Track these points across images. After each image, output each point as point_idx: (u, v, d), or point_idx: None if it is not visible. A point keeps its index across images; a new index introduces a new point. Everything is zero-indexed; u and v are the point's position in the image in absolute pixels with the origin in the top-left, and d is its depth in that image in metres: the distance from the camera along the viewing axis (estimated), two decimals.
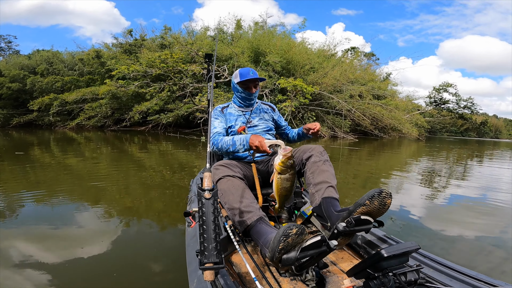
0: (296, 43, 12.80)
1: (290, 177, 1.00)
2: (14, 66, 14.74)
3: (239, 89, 1.41)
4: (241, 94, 1.42)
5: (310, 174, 1.13)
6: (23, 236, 1.64)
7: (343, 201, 2.73)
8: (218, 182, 1.10)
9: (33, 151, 5.47)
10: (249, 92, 1.41)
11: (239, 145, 1.18)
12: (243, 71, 1.39)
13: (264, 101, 1.62)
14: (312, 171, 1.13)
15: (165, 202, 2.42)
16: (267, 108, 1.56)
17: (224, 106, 1.50)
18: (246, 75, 1.37)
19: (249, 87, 1.40)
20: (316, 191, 1.07)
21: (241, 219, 0.99)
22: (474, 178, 4.31)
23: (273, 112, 1.58)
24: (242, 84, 1.39)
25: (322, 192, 1.05)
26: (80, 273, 1.29)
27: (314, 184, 1.09)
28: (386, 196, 0.84)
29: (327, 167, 1.13)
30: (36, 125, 13.19)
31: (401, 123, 13.02)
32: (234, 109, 1.47)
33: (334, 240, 0.80)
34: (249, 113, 1.47)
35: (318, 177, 1.10)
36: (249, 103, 1.46)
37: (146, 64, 10.00)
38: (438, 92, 25.46)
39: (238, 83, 1.40)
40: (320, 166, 1.13)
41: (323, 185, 1.06)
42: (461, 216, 2.36)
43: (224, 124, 1.42)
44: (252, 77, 1.37)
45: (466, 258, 1.55)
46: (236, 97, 1.48)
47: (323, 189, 1.05)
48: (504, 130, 45.52)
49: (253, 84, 1.41)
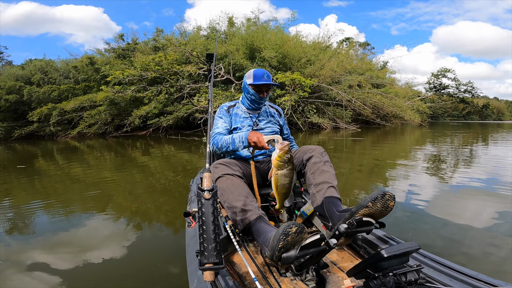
0: (290, 37, 12.66)
1: (288, 172, 0.99)
2: (9, 77, 14.62)
3: (250, 91, 1.36)
4: (251, 96, 1.37)
5: (310, 175, 1.13)
6: (37, 245, 1.71)
7: (350, 193, 2.71)
8: (217, 180, 1.09)
9: (37, 162, 5.45)
10: (261, 96, 1.36)
11: (238, 142, 1.17)
12: (257, 72, 1.34)
13: (272, 104, 1.58)
14: (312, 171, 1.13)
15: (172, 205, 2.42)
16: (274, 112, 1.52)
17: (231, 105, 1.45)
18: (260, 78, 1.33)
19: (261, 90, 1.36)
20: (317, 191, 1.07)
21: (240, 217, 0.98)
22: (485, 165, 4.25)
23: (279, 117, 1.53)
24: (255, 86, 1.35)
25: (324, 192, 1.04)
26: (91, 276, 1.35)
27: (315, 184, 1.09)
28: (389, 199, 0.83)
29: (327, 168, 1.13)
30: (38, 136, 13.14)
31: (403, 110, 12.92)
32: (241, 110, 1.43)
33: (334, 239, 0.80)
34: (256, 116, 1.43)
35: (319, 177, 1.09)
36: (257, 106, 1.42)
37: (140, 68, 9.90)
38: (437, 78, 25.27)
39: (251, 84, 1.35)
40: (320, 167, 1.12)
41: (324, 185, 1.06)
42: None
43: (227, 125, 1.38)
44: (267, 81, 1.33)
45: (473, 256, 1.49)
46: (245, 98, 1.42)
47: (324, 189, 1.05)
48: (506, 111, 45.32)
49: (266, 88, 1.37)
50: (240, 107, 1.44)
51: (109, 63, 12.90)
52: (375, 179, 3.31)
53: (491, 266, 1.36)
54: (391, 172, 3.61)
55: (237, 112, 1.42)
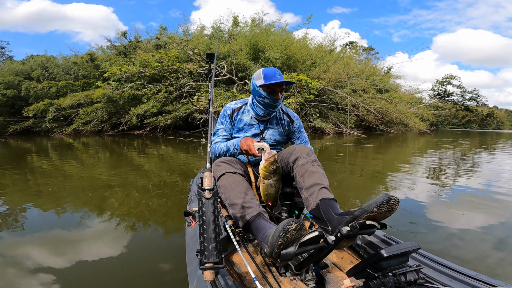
0: (295, 40, 12.45)
1: (274, 183, 0.99)
2: (9, 72, 14.46)
3: (262, 94, 1.18)
4: (263, 99, 1.19)
5: (300, 178, 1.07)
6: (30, 244, 1.67)
7: (359, 197, 2.64)
8: (219, 178, 1.07)
9: (27, 160, 5.20)
10: (275, 97, 1.19)
11: (233, 150, 1.18)
12: (267, 71, 1.17)
13: (284, 107, 1.38)
14: (301, 174, 1.07)
15: (169, 206, 2.35)
16: (285, 118, 1.34)
17: (236, 108, 1.29)
18: (272, 77, 1.16)
19: (275, 91, 1.18)
20: (309, 195, 1.02)
21: (240, 214, 0.97)
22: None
23: (289, 124, 1.34)
24: (267, 87, 1.18)
25: (316, 195, 1.00)
26: (88, 276, 1.30)
27: (306, 188, 1.04)
28: (394, 203, 0.79)
29: (316, 168, 1.07)
30: (33, 132, 12.92)
31: (408, 117, 12.64)
32: (248, 116, 1.28)
33: (332, 236, 0.80)
34: (264, 125, 1.28)
35: (308, 180, 1.04)
36: (272, 110, 1.24)
37: (139, 64, 9.62)
38: (441, 85, 25.06)
39: (262, 86, 1.18)
40: (308, 168, 1.07)
41: (315, 187, 1.02)
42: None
43: (226, 133, 1.29)
44: (279, 79, 1.15)
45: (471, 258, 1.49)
46: (256, 104, 1.23)
47: (316, 191, 1.01)
48: (506, 120, 45.33)
49: (279, 88, 1.19)
50: (247, 112, 1.29)
51: (109, 59, 12.67)
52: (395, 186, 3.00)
53: (488, 270, 1.35)
54: (413, 183, 3.30)
55: (242, 118, 1.28)
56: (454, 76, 24.36)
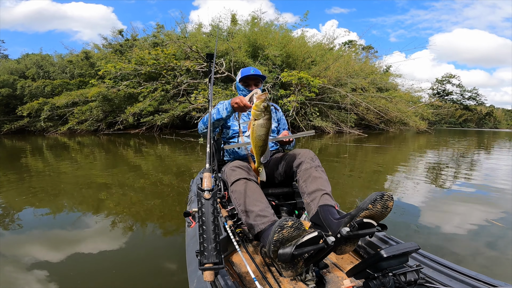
0: (294, 38, 12.28)
1: (264, 122, 0.97)
2: (3, 71, 14.22)
3: (241, 87, 1.42)
4: (242, 92, 1.41)
5: (303, 183, 1.10)
6: (27, 243, 1.67)
7: (359, 197, 2.57)
8: (234, 183, 1.08)
9: (22, 159, 5.05)
10: (249, 90, 1.39)
11: (222, 110, 1.17)
12: (244, 69, 1.42)
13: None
14: (304, 179, 1.10)
15: (166, 206, 2.31)
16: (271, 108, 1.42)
17: None
18: (247, 72, 1.38)
19: (249, 84, 1.40)
20: (311, 200, 1.03)
21: (256, 222, 0.96)
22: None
23: (276, 112, 1.54)
24: (243, 82, 1.41)
25: (318, 201, 1.01)
26: (86, 276, 1.30)
27: (308, 193, 1.05)
28: (388, 199, 0.81)
29: (319, 174, 1.09)
30: (28, 131, 12.71)
31: (408, 116, 12.52)
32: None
33: (332, 237, 0.80)
34: (248, 115, 1.41)
35: (311, 185, 1.06)
36: None
37: (135, 62, 9.41)
38: (441, 84, 25.02)
39: (240, 80, 1.41)
40: (312, 173, 1.09)
41: (317, 193, 1.03)
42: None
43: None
44: (252, 73, 1.37)
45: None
46: None
47: (318, 197, 1.02)
48: (503, 120, 45.59)
49: (253, 81, 1.41)
50: None
51: (105, 58, 12.45)
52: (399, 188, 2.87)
53: (485, 269, 1.35)
54: (420, 185, 3.16)
55: None
56: (453, 75, 24.37)
